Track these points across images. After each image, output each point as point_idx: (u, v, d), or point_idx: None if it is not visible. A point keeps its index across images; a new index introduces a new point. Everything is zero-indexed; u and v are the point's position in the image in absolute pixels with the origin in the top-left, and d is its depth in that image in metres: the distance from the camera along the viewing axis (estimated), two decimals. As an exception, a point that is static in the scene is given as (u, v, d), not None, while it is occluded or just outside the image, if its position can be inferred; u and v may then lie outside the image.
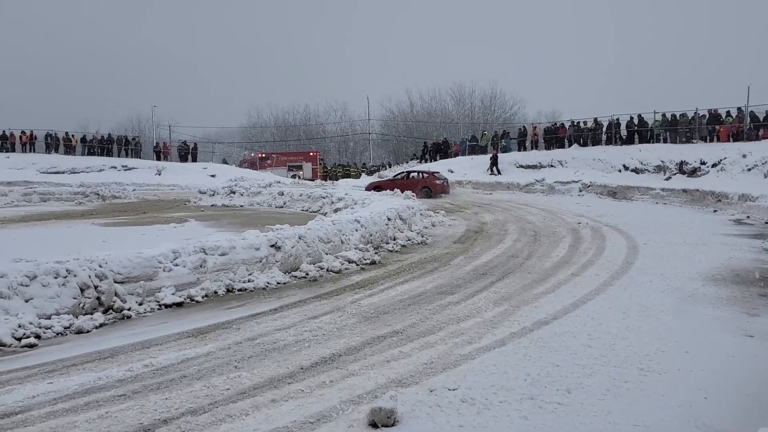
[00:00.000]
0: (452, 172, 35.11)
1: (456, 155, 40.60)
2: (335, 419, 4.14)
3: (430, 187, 28.53)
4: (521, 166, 32.49)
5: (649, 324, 6.60)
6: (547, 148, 35.35)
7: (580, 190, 26.96)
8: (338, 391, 4.63)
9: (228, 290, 8.34)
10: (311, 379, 4.92)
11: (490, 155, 34.42)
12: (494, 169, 32.78)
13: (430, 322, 6.73)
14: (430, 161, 41.86)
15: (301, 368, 5.19)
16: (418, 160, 45.90)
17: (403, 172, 31.49)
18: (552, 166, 31.05)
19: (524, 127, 40.80)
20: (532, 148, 36.61)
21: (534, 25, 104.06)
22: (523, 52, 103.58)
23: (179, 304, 7.63)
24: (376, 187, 28.19)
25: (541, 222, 16.87)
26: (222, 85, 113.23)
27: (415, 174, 30.31)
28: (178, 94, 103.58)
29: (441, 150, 42.51)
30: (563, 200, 24.77)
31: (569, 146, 33.39)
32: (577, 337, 6.12)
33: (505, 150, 36.47)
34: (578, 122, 34.29)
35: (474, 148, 40.41)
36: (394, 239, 13.01)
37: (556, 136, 35.32)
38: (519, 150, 37.07)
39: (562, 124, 36.67)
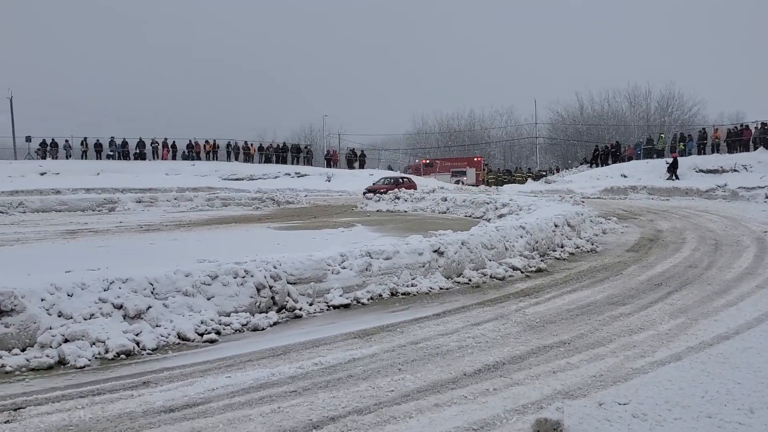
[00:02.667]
0: (625, 176, 33.70)
1: (629, 159, 38.89)
2: (499, 428, 4.06)
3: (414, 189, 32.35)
4: (701, 171, 30.57)
5: None
6: (730, 151, 33.03)
7: (767, 197, 24.79)
8: (502, 400, 4.55)
9: (392, 294, 8.47)
10: (474, 385, 4.87)
11: (668, 159, 32.64)
12: (673, 173, 31.01)
13: (599, 333, 6.45)
14: (602, 165, 40.42)
15: (464, 374, 5.16)
16: (589, 165, 44.45)
17: (390, 178, 36.99)
18: (735, 170, 28.92)
19: (704, 129, 38.28)
20: (712, 152, 34.33)
21: (718, 23, 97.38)
22: (703, 51, 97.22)
23: (346, 306, 7.85)
24: (372, 191, 32.47)
25: (723, 230, 15.70)
26: (389, 93, 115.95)
27: (405, 179, 36.32)
28: (347, 104, 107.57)
29: (613, 154, 40.87)
30: (747, 207, 22.93)
31: (754, 149, 30.90)
32: (761, 353, 5.60)
33: (683, 153, 34.45)
34: (765, 123, 31.62)
35: (649, 151, 38.50)
36: (562, 246, 12.64)
37: (739, 139, 32.86)
38: (698, 154, 34.90)
39: (747, 125, 34.03)
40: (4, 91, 46.18)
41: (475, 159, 55.88)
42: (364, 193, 32.95)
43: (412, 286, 8.74)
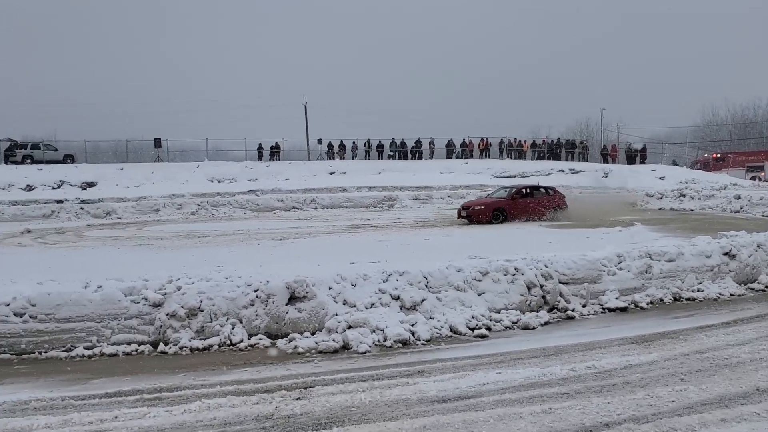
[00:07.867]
0: None
1: None
2: (801, 454, 3.60)
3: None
4: None
5: None
6: None
7: None
8: (804, 423, 4.02)
9: (674, 299, 7.93)
10: (769, 403, 4.37)
11: None
12: None
13: None
14: None
15: (757, 389, 4.64)
16: None
17: (512, 188, 21.53)
18: None
19: None
20: None
21: None
22: None
23: (623, 309, 7.51)
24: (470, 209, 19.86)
25: None
26: (674, 83, 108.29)
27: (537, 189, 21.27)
28: (627, 96, 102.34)
29: None
30: None
31: None
32: None
33: None
34: None
35: None
36: None
37: None
38: None
39: None
40: (299, 98, 51.21)
41: (777, 152, 50.01)
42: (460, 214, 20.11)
43: (697, 291, 8.11)
